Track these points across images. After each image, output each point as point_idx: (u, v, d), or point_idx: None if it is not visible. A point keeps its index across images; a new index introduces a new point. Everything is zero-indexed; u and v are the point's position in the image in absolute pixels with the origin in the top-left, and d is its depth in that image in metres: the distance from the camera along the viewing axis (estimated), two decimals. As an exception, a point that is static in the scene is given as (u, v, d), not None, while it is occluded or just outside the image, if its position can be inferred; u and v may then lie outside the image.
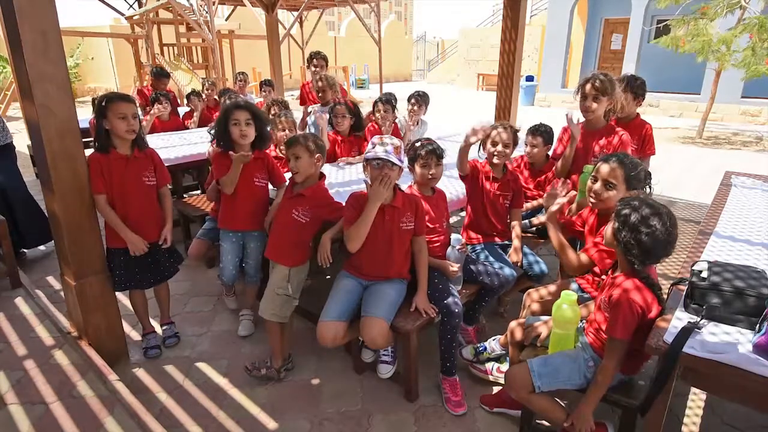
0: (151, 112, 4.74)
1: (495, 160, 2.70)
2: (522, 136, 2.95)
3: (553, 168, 3.05)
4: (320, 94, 4.16)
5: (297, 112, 4.47)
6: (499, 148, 2.67)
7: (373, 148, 2.19)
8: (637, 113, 3.16)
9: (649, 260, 1.69)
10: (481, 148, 2.81)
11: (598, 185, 2.10)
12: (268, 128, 2.80)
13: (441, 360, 2.32)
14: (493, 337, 2.50)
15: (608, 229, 1.79)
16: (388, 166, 2.15)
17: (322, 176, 2.53)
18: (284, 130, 3.35)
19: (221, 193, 2.72)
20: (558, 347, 1.91)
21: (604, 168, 2.08)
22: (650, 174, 2.14)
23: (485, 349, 2.48)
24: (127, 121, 2.30)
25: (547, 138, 3.15)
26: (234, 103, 2.68)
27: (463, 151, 2.58)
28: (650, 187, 2.13)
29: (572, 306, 1.83)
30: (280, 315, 2.44)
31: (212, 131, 2.74)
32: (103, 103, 2.29)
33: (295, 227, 2.42)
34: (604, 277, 1.95)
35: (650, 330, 1.60)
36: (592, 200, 2.14)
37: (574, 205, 2.52)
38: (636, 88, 3.02)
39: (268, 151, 3.02)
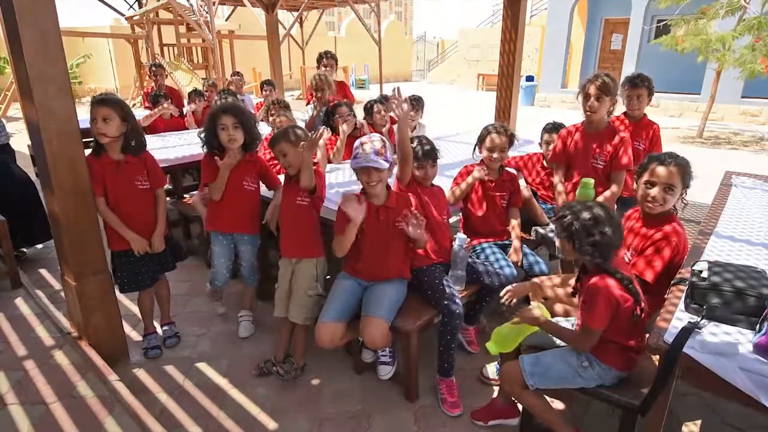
0: (155, 110, 4.74)
1: (492, 165, 2.72)
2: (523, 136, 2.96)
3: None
4: (318, 94, 4.07)
5: (298, 113, 4.47)
6: (495, 155, 2.69)
7: (358, 152, 2.15)
8: (644, 113, 3.17)
9: (610, 254, 1.72)
10: (477, 149, 2.81)
11: (655, 190, 2.01)
12: (258, 128, 2.76)
13: (439, 361, 2.32)
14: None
15: (561, 243, 1.80)
16: (375, 169, 2.13)
17: (315, 164, 2.52)
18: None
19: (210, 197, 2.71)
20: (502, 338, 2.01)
21: (663, 171, 2.00)
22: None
23: None
24: (96, 124, 2.28)
25: None
26: (221, 107, 2.64)
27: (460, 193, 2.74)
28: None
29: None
30: (312, 317, 2.44)
31: (202, 135, 2.68)
32: (90, 109, 2.30)
33: (303, 213, 2.43)
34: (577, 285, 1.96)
35: (630, 324, 1.68)
36: (649, 206, 2.05)
37: None
38: (650, 85, 3.05)
39: (262, 153, 3.00)
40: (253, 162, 2.74)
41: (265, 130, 4.18)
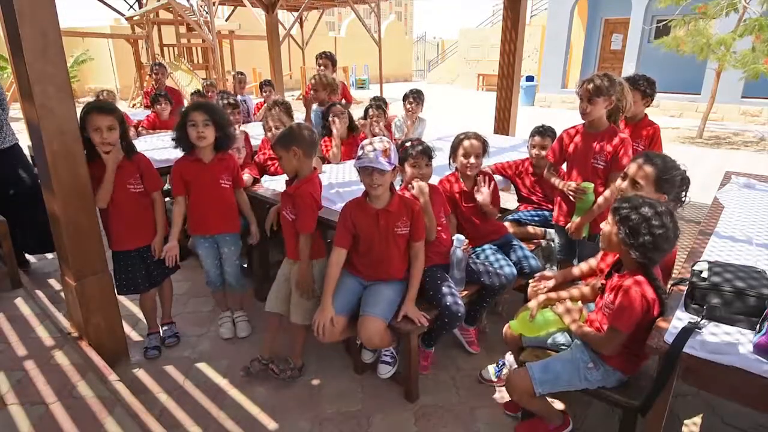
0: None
1: (468, 172, 2.65)
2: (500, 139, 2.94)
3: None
4: (313, 92, 4.02)
5: (298, 113, 4.46)
6: (472, 160, 2.61)
7: (362, 153, 2.14)
8: (645, 114, 3.16)
9: (660, 258, 1.69)
10: (451, 160, 2.75)
11: (625, 183, 2.06)
12: (233, 129, 2.73)
13: (425, 338, 2.38)
14: (510, 352, 2.43)
15: (611, 234, 1.75)
16: (378, 171, 2.11)
17: (314, 170, 2.50)
18: (271, 130, 3.27)
19: (189, 200, 2.62)
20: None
21: (634, 166, 2.04)
22: (688, 180, 2.07)
23: (504, 364, 2.45)
24: (101, 133, 2.27)
25: (553, 137, 3.13)
26: (192, 105, 2.62)
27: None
28: (686, 194, 2.08)
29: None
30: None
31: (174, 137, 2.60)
32: (83, 115, 2.27)
33: (292, 223, 2.43)
34: (604, 281, 1.94)
35: (648, 332, 1.60)
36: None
37: (577, 218, 2.54)
38: (645, 87, 3.02)
39: (263, 153, 2.98)
40: (226, 160, 2.67)
41: (261, 131, 4.17)
